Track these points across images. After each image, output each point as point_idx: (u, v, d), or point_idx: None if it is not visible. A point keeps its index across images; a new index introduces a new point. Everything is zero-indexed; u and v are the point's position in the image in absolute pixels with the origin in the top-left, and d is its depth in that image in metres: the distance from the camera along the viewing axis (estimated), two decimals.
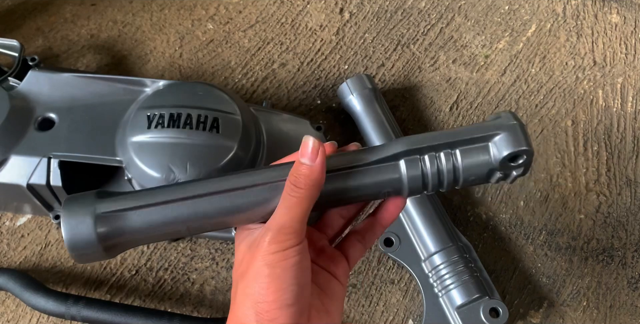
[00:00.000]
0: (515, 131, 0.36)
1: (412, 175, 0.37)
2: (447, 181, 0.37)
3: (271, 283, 0.33)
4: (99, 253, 0.36)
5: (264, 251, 0.34)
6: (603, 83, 0.73)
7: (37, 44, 0.75)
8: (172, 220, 0.36)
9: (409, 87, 0.73)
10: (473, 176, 0.37)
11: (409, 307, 0.59)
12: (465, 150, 0.37)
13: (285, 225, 0.34)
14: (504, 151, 0.36)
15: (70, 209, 0.35)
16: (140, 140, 0.55)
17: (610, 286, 0.61)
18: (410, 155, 0.37)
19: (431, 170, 0.37)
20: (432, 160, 0.37)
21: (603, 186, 0.66)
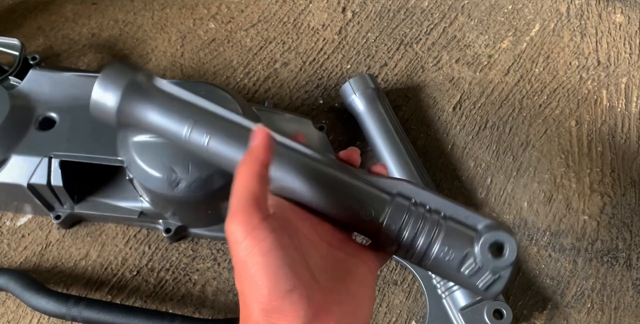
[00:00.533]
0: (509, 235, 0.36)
1: (396, 210, 0.37)
2: (422, 241, 0.36)
3: (258, 272, 0.30)
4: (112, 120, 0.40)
5: (233, 241, 0.31)
6: (607, 83, 0.73)
7: (38, 43, 0.75)
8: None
9: (411, 87, 0.73)
10: (449, 250, 0.36)
11: (412, 308, 0.59)
12: (457, 221, 0.37)
13: (237, 205, 0.32)
14: (492, 237, 0.36)
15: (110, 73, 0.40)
16: (141, 140, 0.54)
17: (614, 287, 0.60)
18: (405, 198, 0.37)
19: (414, 220, 0.36)
20: (420, 211, 0.37)
21: (607, 187, 0.66)
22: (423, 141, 0.69)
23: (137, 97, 0.39)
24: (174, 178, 0.53)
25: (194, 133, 0.38)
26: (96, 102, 0.39)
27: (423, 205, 0.37)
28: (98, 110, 0.40)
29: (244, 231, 0.31)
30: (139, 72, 0.40)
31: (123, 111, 0.39)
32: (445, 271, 0.37)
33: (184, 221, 0.60)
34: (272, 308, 0.31)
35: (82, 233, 0.62)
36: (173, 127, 0.39)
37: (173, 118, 0.39)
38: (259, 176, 0.33)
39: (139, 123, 0.40)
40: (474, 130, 0.70)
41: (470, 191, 0.66)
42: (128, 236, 0.62)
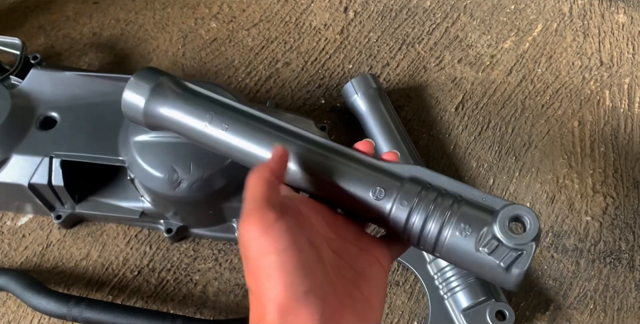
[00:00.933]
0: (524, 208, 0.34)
1: (405, 195, 0.36)
2: (433, 225, 0.35)
3: (273, 272, 0.30)
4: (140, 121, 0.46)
5: (247, 240, 0.31)
6: (610, 84, 0.73)
7: (39, 42, 0.75)
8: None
9: (414, 87, 0.72)
10: (466, 227, 0.34)
11: (414, 309, 0.59)
12: (473, 203, 0.35)
13: (251, 207, 0.32)
14: (510, 211, 0.34)
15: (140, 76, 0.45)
16: (143, 140, 0.54)
17: (617, 289, 0.60)
18: (417, 183, 0.37)
19: (424, 204, 0.35)
20: (433, 195, 0.36)
21: (610, 188, 0.66)
22: (425, 141, 0.69)
23: (161, 98, 0.44)
24: (175, 178, 0.53)
25: (213, 124, 0.42)
26: (127, 102, 0.45)
27: (437, 190, 0.36)
28: (129, 110, 0.45)
29: (258, 230, 0.31)
30: (165, 75, 0.45)
31: (149, 112, 0.44)
32: (462, 252, 0.34)
33: (185, 221, 0.60)
34: (288, 308, 0.30)
35: (83, 233, 0.62)
36: (193, 121, 0.42)
37: (193, 113, 0.42)
38: (270, 183, 0.34)
39: (163, 122, 0.44)
40: (477, 130, 0.69)
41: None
42: (129, 236, 0.62)
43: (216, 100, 0.43)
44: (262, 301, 0.31)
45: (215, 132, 0.42)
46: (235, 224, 0.60)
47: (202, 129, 0.42)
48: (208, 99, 0.43)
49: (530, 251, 0.33)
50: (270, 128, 0.41)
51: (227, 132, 0.41)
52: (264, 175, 0.34)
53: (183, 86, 0.44)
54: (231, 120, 0.41)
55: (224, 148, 0.42)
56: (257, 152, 0.41)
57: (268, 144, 0.40)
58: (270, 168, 0.35)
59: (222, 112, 0.42)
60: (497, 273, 0.34)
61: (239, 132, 0.41)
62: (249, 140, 0.41)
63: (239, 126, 0.41)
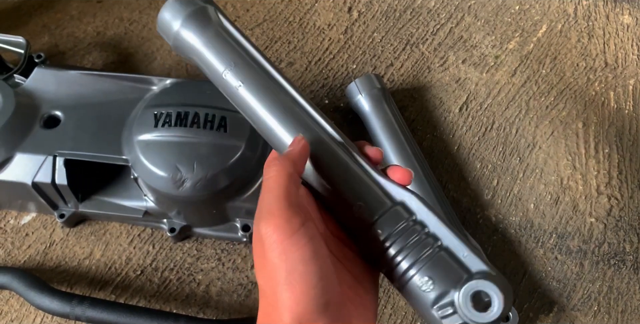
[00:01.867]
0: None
1: (391, 218, 0.34)
2: (403, 260, 0.32)
3: (296, 281, 0.29)
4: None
5: (270, 244, 0.30)
6: (615, 85, 0.72)
7: (42, 41, 0.75)
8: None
9: (418, 87, 0.72)
10: (430, 281, 0.32)
11: None
12: (452, 255, 0.32)
13: (274, 205, 0.31)
14: (476, 286, 0.31)
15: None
16: (147, 139, 0.54)
17: (621, 291, 0.60)
18: (406, 211, 0.34)
19: (406, 235, 0.33)
20: (416, 230, 0.33)
21: (614, 190, 0.65)
22: (429, 142, 0.68)
23: (196, 26, 0.40)
24: (178, 178, 0.53)
25: (229, 75, 0.39)
26: (162, 20, 0.42)
27: (422, 226, 0.34)
28: (162, 28, 0.42)
29: (282, 234, 0.30)
30: (208, 3, 0.42)
31: (179, 37, 0.41)
32: (417, 302, 0.32)
33: (189, 220, 0.59)
34: (306, 320, 0.29)
35: (86, 232, 0.62)
36: (214, 64, 0.40)
37: (217, 56, 0.40)
38: (293, 179, 0.32)
39: (190, 50, 0.41)
40: (481, 131, 0.69)
41: (477, 193, 0.65)
42: (132, 235, 0.62)
43: (244, 50, 0.40)
44: (277, 306, 0.30)
45: (229, 85, 0.39)
46: (238, 224, 0.59)
47: (219, 77, 0.40)
48: (236, 46, 0.40)
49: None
50: (287, 102, 0.38)
51: (239, 89, 0.39)
52: (287, 170, 0.32)
53: (220, 23, 0.41)
54: (247, 78, 0.39)
55: (235, 102, 0.40)
56: (264, 120, 0.38)
57: (278, 117, 0.38)
58: (292, 161, 0.33)
59: (242, 65, 0.39)
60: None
61: (251, 92, 0.39)
62: (259, 105, 0.38)
63: (253, 87, 0.39)
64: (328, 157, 0.36)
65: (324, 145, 0.37)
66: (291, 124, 0.38)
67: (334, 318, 0.30)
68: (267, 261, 0.30)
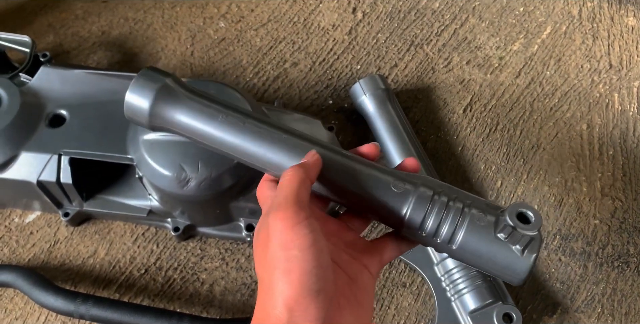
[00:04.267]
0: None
1: (421, 195, 0.38)
2: (451, 216, 0.37)
3: (292, 267, 0.31)
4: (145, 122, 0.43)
5: (274, 232, 0.33)
6: (619, 87, 0.72)
7: (48, 40, 0.75)
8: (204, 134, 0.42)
9: (422, 88, 0.72)
10: (482, 216, 0.37)
11: (420, 311, 0.59)
12: (479, 206, 0.38)
13: (282, 202, 0.34)
14: (516, 207, 0.38)
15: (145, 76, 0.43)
16: (152, 138, 0.54)
17: (625, 293, 0.60)
18: (429, 188, 0.38)
19: (439, 204, 0.37)
20: (444, 199, 0.38)
21: (619, 191, 0.65)
22: (433, 143, 0.68)
23: (169, 100, 0.42)
24: (183, 177, 0.53)
25: (225, 124, 0.41)
26: (130, 104, 0.43)
27: (448, 193, 0.38)
28: (131, 112, 0.43)
29: (286, 225, 0.32)
30: (169, 76, 0.43)
31: (155, 114, 0.42)
32: (480, 239, 0.37)
33: (193, 220, 0.60)
34: (297, 304, 0.31)
35: (90, 230, 0.62)
36: (202, 125, 0.42)
37: (203, 117, 0.41)
38: (304, 183, 0.35)
39: (170, 123, 0.43)
40: (485, 132, 0.69)
41: (480, 194, 0.65)
42: (136, 234, 0.62)
43: (223, 105, 0.43)
44: (272, 293, 0.32)
45: (231, 125, 0.41)
46: (242, 223, 0.60)
47: (216, 125, 0.41)
48: (215, 103, 0.43)
49: (538, 238, 0.37)
50: (282, 132, 0.41)
51: (246, 124, 0.41)
52: (300, 174, 0.36)
53: (189, 88, 0.44)
54: (244, 118, 0.42)
55: (234, 149, 0.42)
56: (270, 155, 0.41)
57: (281, 148, 0.40)
58: (306, 169, 0.37)
59: (232, 114, 0.42)
60: (511, 259, 0.36)
61: (253, 127, 0.41)
62: (262, 143, 0.41)
63: (253, 124, 0.41)
64: (339, 167, 0.40)
65: (334, 158, 0.40)
66: (299, 148, 0.40)
67: (324, 306, 0.32)
68: (269, 249, 0.33)
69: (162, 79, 0.43)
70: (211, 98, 0.43)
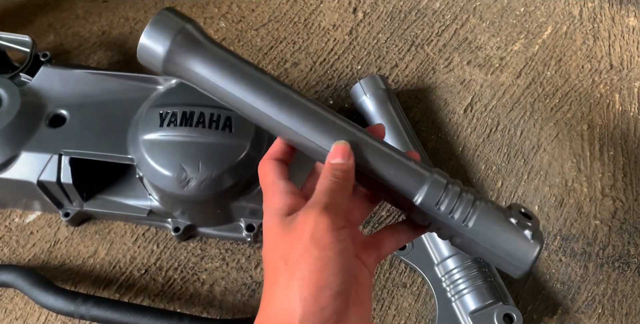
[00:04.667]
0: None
1: (435, 182, 0.39)
2: (462, 210, 0.38)
3: (322, 266, 0.32)
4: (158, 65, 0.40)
5: (314, 228, 0.33)
6: (620, 87, 0.72)
7: (48, 40, 0.75)
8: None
9: (422, 88, 0.72)
10: (493, 205, 0.39)
11: (421, 311, 0.58)
12: (487, 199, 0.40)
13: (333, 203, 0.34)
14: (519, 205, 0.40)
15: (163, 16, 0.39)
16: (152, 138, 0.54)
17: (626, 293, 0.60)
18: (442, 176, 0.39)
19: (452, 193, 0.38)
20: (457, 190, 0.39)
21: (619, 192, 0.65)
22: (433, 143, 0.68)
23: (187, 47, 0.39)
24: (183, 177, 0.53)
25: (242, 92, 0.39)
26: (144, 46, 0.39)
27: (459, 185, 0.39)
28: (145, 55, 0.40)
29: (330, 226, 0.33)
30: (190, 22, 0.40)
31: (170, 59, 0.39)
32: (493, 220, 0.38)
33: (193, 220, 0.60)
34: (316, 302, 0.32)
35: (90, 230, 0.62)
36: (223, 83, 0.39)
37: (224, 75, 0.39)
38: (348, 189, 0.37)
39: (185, 74, 0.40)
40: (485, 132, 0.69)
41: (481, 194, 0.65)
42: (137, 234, 0.62)
43: (246, 65, 0.40)
44: (290, 286, 0.32)
45: (249, 90, 0.39)
46: (242, 224, 0.60)
47: (232, 97, 0.39)
48: (238, 63, 0.40)
49: (541, 231, 0.39)
50: (316, 105, 0.40)
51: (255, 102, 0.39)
52: (350, 180, 0.37)
53: (208, 41, 0.40)
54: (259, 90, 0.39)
55: (256, 112, 0.39)
56: (304, 127, 0.39)
57: (319, 123, 0.39)
58: (351, 177, 0.37)
59: (258, 72, 0.40)
60: (521, 243, 0.37)
61: (268, 103, 0.39)
62: (295, 110, 0.39)
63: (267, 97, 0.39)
64: (372, 154, 0.39)
65: (364, 145, 0.39)
66: (329, 130, 0.39)
67: (339, 308, 0.33)
68: (300, 243, 0.33)
69: (182, 23, 0.39)
70: (232, 51, 0.40)
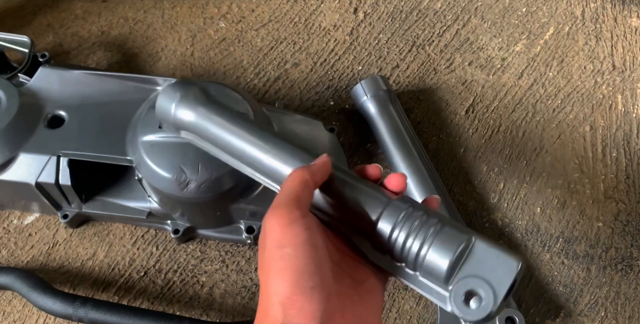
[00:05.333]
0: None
1: (393, 210, 0.37)
2: (414, 240, 0.36)
3: (285, 265, 0.31)
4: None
5: (269, 232, 0.33)
6: (622, 88, 0.72)
7: (47, 40, 0.75)
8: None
9: (424, 89, 0.72)
10: (442, 250, 0.35)
11: (422, 314, 0.58)
12: (452, 226, 0.36)
13: (283, 199, 0.34)
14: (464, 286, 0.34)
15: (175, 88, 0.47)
16: (151, 140, 0.54)
17: (629, 296, 0.59)
18: (404, 202, 0.38)
19: (410, 219, 0.36)
20: (418, 213, 0.37)
21: (622, 194, 0.65)
22: (435, 144, 0.68)
23: (194, 106, 0.46)
24: (183, 179, 0.53)
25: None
26: (160, 107, 0.47)
27: (424, 209, 0.37)
28: (161, 115, 0.48)
29: (281, 223, 0.33)
30: (197, 86, 0.47)
31: (178, 118, 0.47)
32: (437, 272, 0.35)
33: (193, 222, 0.59)
34: (291, 302, 0.31)
35: (89, 232, 0.62)
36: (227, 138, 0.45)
37: (229, 131, 0.45)
38: (307, 184, 0.35)
39: (191, 128, 0.46)
40: (487, 133, 0.69)
41: (483, 196, 0.65)
42: (136, 236, 0.61)
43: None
44: (268, 293, 0.32)
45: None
46: (242, 226, 0.59)
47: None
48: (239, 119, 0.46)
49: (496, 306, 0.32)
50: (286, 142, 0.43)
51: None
52: (303, 176, 0.36)
53: (212, 102, 0.47)
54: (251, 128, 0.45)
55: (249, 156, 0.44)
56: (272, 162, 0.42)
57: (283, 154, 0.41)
58: (311, 171, 0.37)
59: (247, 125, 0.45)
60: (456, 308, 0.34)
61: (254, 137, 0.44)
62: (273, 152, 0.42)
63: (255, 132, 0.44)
64: (336, 180, 0.39)
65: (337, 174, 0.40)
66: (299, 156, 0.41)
67: (320, 304, 0.31)
68: (266, 249, 0.33)
69: (190, 88, 0.47)
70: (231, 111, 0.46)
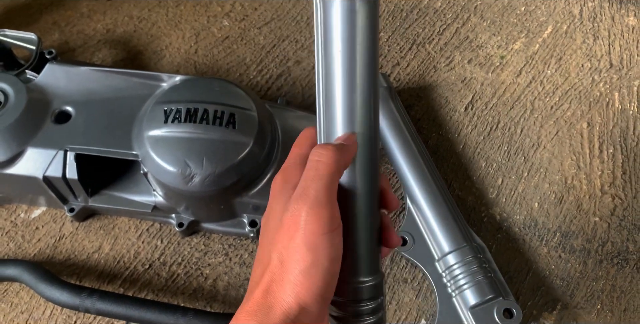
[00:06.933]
0: None
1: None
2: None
3: (316, 272, 0.31)
4: None
5: (303, 227, 0.32)
6: (619, 86, 0.73)
7: (53, 38, 0.76)
8: None
9: (424, 87, 0.73)
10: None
11: (421, 306, 0.59)
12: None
13: (314, 194, 0.32)
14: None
15: None
16: (156, 135, 0.55)
17: (624, 289, 0.60)
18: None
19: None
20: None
21: (618, 189, 0.66)
22: (434, 141, 0.69)
23: None
24: (188, 173, 0.54)
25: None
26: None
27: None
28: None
29: (322, 229, 0.32)
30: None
31: None
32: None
33: (197, 215, 0.60)
34: (306, 305, 0.32)
35: (95, 226, 0.63)
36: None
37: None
38: (340, 173, 0.34)
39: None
40: (486, 130, 0.70)
41: (481, 191, 0.66)
42: (141, 230, 0.62)
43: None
44: (282, 283, 0.32)
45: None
46: (245, 219, 0.60)
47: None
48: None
49: None
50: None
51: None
52: (340, 161, 0.33)
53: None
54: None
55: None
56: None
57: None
58: (345, 153, 0.33)
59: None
60: None
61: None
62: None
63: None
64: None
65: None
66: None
67: (324, 306, 0.33)
68: (293, 240, 0.32)
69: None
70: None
